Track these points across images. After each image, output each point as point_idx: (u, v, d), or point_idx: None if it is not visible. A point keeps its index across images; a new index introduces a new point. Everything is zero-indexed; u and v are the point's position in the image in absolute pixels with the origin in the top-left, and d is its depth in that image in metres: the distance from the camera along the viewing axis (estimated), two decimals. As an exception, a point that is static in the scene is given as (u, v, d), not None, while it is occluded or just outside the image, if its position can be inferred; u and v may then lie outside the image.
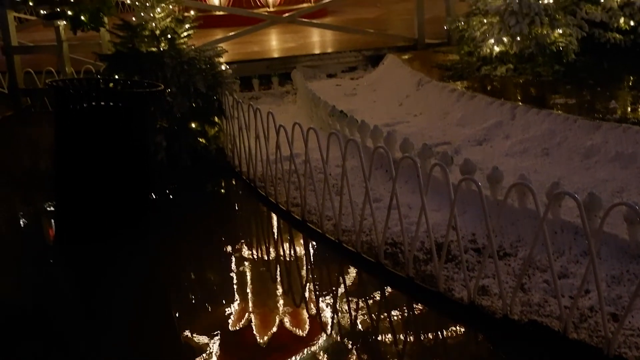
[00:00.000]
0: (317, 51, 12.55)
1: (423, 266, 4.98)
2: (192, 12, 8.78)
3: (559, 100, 7.71)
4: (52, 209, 6.92)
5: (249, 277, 5.49)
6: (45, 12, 10.23)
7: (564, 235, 4.88)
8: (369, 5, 18.32)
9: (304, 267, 5.58)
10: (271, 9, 16.33)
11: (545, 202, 4.60)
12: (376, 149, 5.51)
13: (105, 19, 9.70)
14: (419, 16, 11.83)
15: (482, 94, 8.22)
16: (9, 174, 8.35)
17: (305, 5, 16.63)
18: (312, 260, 5.68)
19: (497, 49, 9.37)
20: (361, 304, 4.88)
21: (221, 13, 15.37)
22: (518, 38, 9.17)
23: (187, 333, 4.63)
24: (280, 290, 5.19)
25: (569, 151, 6.48)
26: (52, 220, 6.78)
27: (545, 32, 9.08)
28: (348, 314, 4.72)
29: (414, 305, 4.81)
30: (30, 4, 11.09)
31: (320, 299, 4.98)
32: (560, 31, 9.14)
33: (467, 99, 8.23)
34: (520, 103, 7.69)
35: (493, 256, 4.29)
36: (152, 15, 8.24)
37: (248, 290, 5.28)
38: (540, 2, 9.23)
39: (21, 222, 7.31)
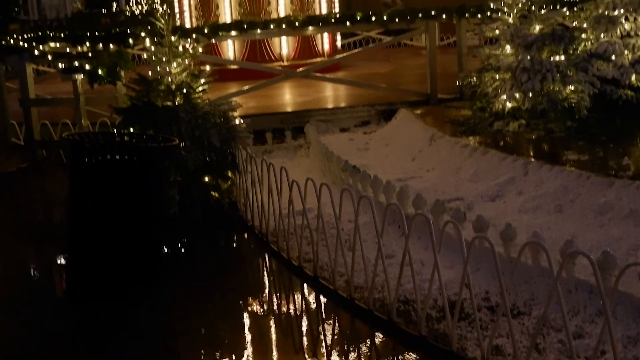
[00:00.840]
0: (330, 105, 12.65)
1: (436, 324, 4.93)
2: (207, 67, 8.90)
3: (571, 156, 7.72)
4: (64, 261, 6.93)
5: (259, 333, 5.45)
6: (63, 65, 10.41)
7: (578, 294, 4.83)
8: (381, 60, 18.52)
9: (315, 324, 5.53)
10: (285, 63, 16.51)
11: (559, 260, 4.57)
12: (389, 205, 5.51)
13: (122, 73, 9.84)
14: (432, 71, 11.94)
15: (495, 150, 8.23)
16: (22, 225, 8.40)
17: (318, 59, 16.84)
18: (323, 317, 5.64)
19: (509, 104, 9.42)
20: (373, 362, 4.84)
21: (236, 67, 15.56)
22: (530, 94, 9.22)
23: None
24: (290, 347, 5.15)
25: (583, 208, 6.46)
26: (65, 273, 6.78)
27: (557, 88, 9.14)
28: (360, 373, 4.67)
29: (427, 365, 4.75)
30: (49, 57, 11.33)
31: (332, 358, 4.93)
32: (572, 88, 9.19)
33: (479, 154, 8.25)
34: (532, 159, 7.70)
35: (507, 315, 4.25)
36: (168, 69, 8.36)
37: (258, 347, 5.24)
38: (551, 59, 9.31)
39: (34, 275, 7.32)
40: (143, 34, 10.88)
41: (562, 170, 7.10)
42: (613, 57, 9.69)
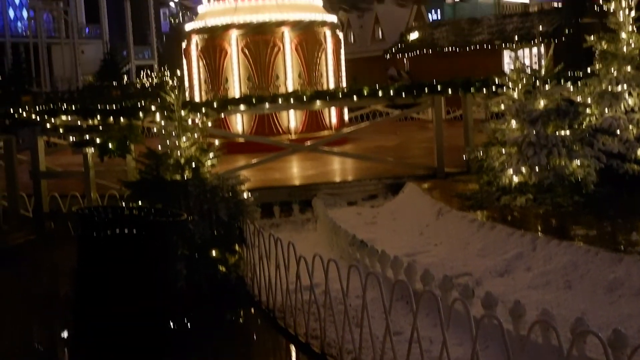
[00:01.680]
0: (337, 179, 12.72)
1: (445, 404, 4.85)
2: (216, 142, 9.00)
3: (580, 231, 7.71)
4: (70, 334, 6.88)
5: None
6: (74, 138, 10.55)
7: (589, 373, 4.76)
8: (388, 133, 18.70)
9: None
10: (293, 136, 16.69)
11: (569, 338, 4.52)
12: (397, 282, 5.49)
13: (132, 146, 9.96)
14: (438, 145, 12.03)
15: (503, 225, 8.24)
16: (28, 298, 8.36)
17: (326, 132, 17.02)
18: (331, 395, 5.56)
19: (516, 179, 9.46)
20: None
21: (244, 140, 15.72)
22: (536, 169, 9.26)
23: None
24: None
25: (592, 284, 6.41)
26: (70, 346, 6.73)
27: (563, 163, 9.19)
28: None
29: None
30: (61, 130, 11.49)
31: None
32: (578, 162, 9.23)
33: (487, 229, 8.25)
34: (540, 234, 7.69)
35: (517, 395, 4.18)
36: (177, 143, 8.46)
37: None
38: (557, 133, 9.38)
39: (38, 347, 7.26)
40: (153, 108, 11.06)
41: (571, 246, 7.08)
42: (618, 132, 9.76)
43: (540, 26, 24.12)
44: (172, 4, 57.41)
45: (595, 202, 8.87)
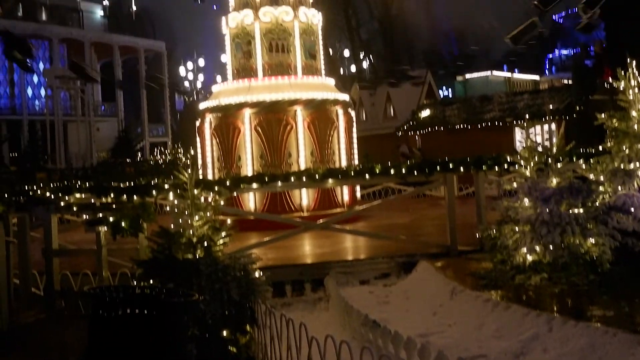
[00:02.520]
0: (350, 257, 12.64)
1: None
2: (228, 220, 9.00)
3: (596, 311, 7.59)
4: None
5: None
6: (88, 216, 10.58)
7: None
8: (401, 210, 18.70)
9: None
10: (305, 214, 16.70)
11: None
12: (410, 365, 5.39)
13: (145, 225, 9.97)
14: (451, 223, 11.99)
15: (518, 304, 8.12)
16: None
17: (338, 210, 17.03)
18: None
19: (530, 257, 9.38)
20: None
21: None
22: (551, 247, 9.20)
23: None
24: None
25: (611, 367, 6.28)
26: None
27: (577, 241, 9.12)
28: None
29: None
30: (75, 209, 11.54)
31: None
32: (593, 240, 9.17)
33: (502, 309, 8.13)
34: (556, 314, 7.57)
35: None
36: (190, 222, 8.47)
37: None
38: (570, 211, 9.35)
39: None
40: (166, 186, 11.12)
41: (588, 327, 6.96)
42: (632, 210, 9.72)
43: (551, 103, 24.35)
44: (186, 84, 58.46)
45: (612, 281, 8.76)
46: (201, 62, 64.06)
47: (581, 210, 9.40)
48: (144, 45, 56.32)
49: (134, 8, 47.69)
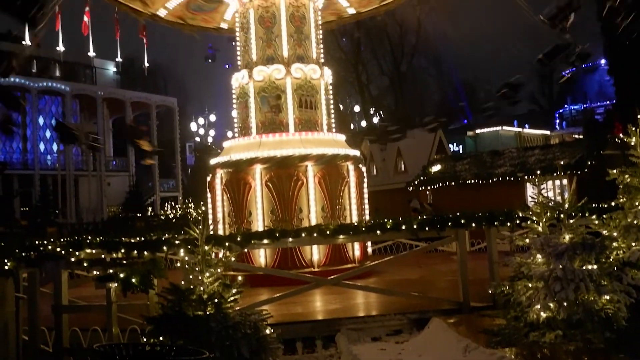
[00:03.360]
0: (361, 313, 12.52)
1: None
2: (239, 278, 8.97)
3: (613, 371, 7.46)
4: None
5: None
6: (98, 272, 10.55)
7: None
8: (412, 265, 18.58)
9: None
10: (316, 269, 16.60)
11: None
12: None
13: (155, 281, 9.93)
14: (463, 279, 11.90)
15: (532, 363, 7.99)
16: None
17: (349, 265, 16.93)
18: None
19: (544, 314, 9.26)
20: None
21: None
22: (565, 304, 9.07)
23: None
24: None
25: None
26: None
27: (592, 298, 9.00)
28: None
29: None
30: (85, 264, 11.52)
31: None
32: (608, 297, 9.05)
33: (516, 367, 8.00)
34: (572, 373, 7.44)
35: None
36: (200, 278, 8.44)
37: None
38: (584, 267, 9.25)
39: None
40: (177, 242, 11.10)
41: (605, 386, 6.83)
42: (646, 265, 9.61)
43: (562, 158, 24.35)
44: (197, 139, 58.93)
45: (628, 339, 8.63)
46: (212, 117, 64.67)
47: (595, 267, 9.30)
48: (155, 100, 56.98)
49: (147, 64, 48.33)
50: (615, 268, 9.51)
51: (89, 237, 14.30)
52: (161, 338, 7.84)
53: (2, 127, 15.40)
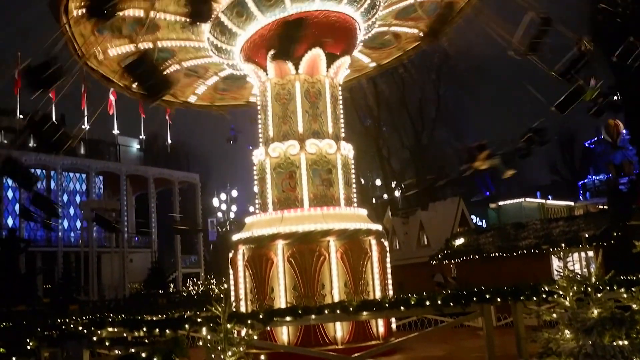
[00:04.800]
0: (386, 392, 12.27)
1: None
2: (262, 357, 8.84)
3: None
4: None
5: None
6: (120, 352, 10.47)
7: None
8: (438, 341, 18.25)
9: None
10: (339, 346, 16.36)
11: None
12: None
13: (177, 360, 9.80)
14: (490, 355, 11.66)
15: None
16: None
17: (373, 342, 16.65)
18: None
19: (575, 393, 8.98)
20: None
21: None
22: (596, 384, 8.81)
23: None
24: None
25: None
26: None
27: (624, 375, 8.75)
28: None
29: None
30: (107, 343, 11.45)
31: None
32: (640, 374, 8.79)
33: None
34: None
35: None
36: (222, 357, 8.32)
37: None
38: (615, 343, 9.02)
39: None
40: (199, 320, 11.01)
41: None
42: (679, 341, 9.35)
43: (587, 230, 24.06)
44: (219, 214, 59.14)
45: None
46: (234, 193, 65.01)
47: (626, 342, 9.06)
48: (178, 177, 57.53)
49: (169, 141, 49.05)
50: (647, 343, 9.27)
51: (111, 315, 14.25)
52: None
53: (23, 213, 15.63)
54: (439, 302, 11.78)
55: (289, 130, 18.64)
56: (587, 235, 23.12)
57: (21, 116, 41.81)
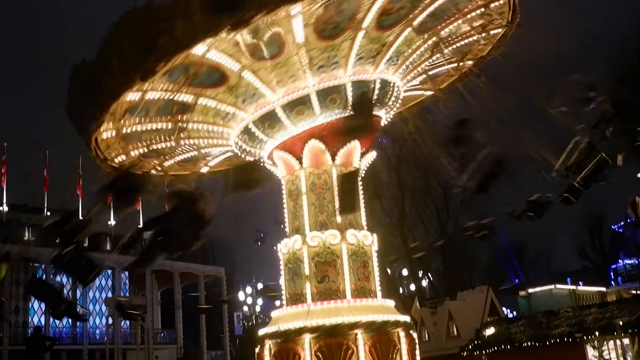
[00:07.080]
0: None
1: None
2: None
3: None
4: None
5: None
6: None
7: None
8: None
9: None
10: None
11: None
12: None
13: None
14: None
15: None
16: None
17: None
18: None
19: None
20: None
21: None
22: None
23: None
24: None
25: None
26: None
27: None
28: None
29: None
30: None
31: None
32: None
33: None
34: None
35: None
36: None
37: None
38: None
39: None
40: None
41: None
42: None
43: (622, 317, 23.43)
44: (245, 308, 58.59)
45: None
46: (260, 286, 64.52)
47: None
48: (203, 271, 57.26)
49: (194, 235, 49.02)
50: None
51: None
52: None
53: (54, 312, 15.55)
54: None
55: (326, 220, 18.43)
56: (621, 323, 22.50)
57: (49, 213, 42.15)
